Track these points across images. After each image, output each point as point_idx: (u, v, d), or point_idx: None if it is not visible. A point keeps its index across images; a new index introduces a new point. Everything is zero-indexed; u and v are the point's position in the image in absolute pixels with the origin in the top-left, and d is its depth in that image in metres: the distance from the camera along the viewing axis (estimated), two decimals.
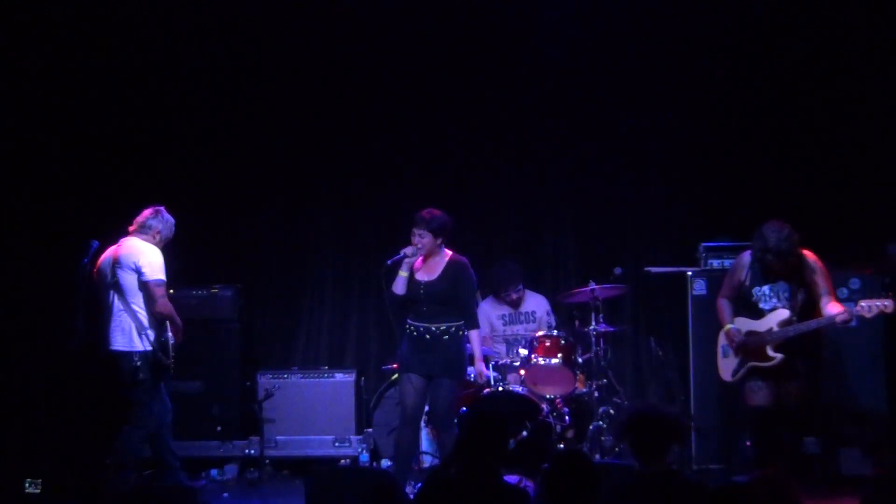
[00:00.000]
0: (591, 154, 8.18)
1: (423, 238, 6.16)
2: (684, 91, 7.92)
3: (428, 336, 6.12)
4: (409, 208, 8.10)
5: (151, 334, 6.11)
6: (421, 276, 6.18)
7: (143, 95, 8.00)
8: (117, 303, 6.13)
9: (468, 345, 6.28)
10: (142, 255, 6.13)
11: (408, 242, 6.21)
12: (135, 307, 6.12)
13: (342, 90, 8.20)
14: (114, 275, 6.14)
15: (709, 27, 7.78)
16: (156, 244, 6.23)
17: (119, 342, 6.10)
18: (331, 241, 8.36)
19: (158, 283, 6.10)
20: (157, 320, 6.13)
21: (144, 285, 6.11)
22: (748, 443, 6.40)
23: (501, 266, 7.45)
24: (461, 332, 6.17)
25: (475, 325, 6.27)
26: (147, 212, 6.29)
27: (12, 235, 7.53)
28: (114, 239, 6.32)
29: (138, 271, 6.10)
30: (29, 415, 7.14)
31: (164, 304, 6.10)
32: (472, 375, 6.84)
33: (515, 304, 7.41)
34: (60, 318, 6.45)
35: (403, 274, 6.17)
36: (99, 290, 6.21)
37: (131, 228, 6.26)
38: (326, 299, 8.34)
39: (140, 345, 6.10)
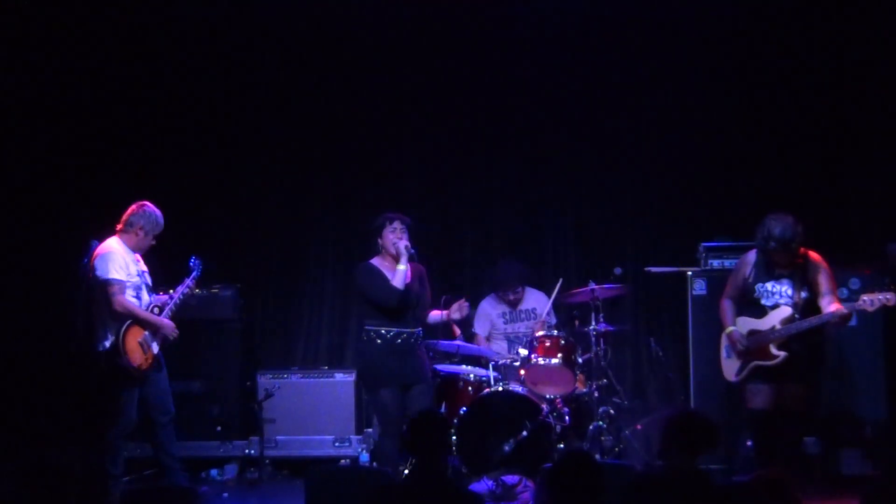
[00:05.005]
0: (591, 154, 8.19)
1: (405, 234, 6.05)
2: (685, 91, 7.92)
3: (400, 341, 5.99)
4: (409, 208, 8.14)
5: (111, 336, 6.06)
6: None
7: (143, 95, 8.01)
8: (94, 304, 6.11)
9: None
10: (97, 254, 6.11)
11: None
12: (99, 308, 6.09)
13: (342, 90, 8.20)
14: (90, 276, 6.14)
15: (709, 27, 7.79)
16: (139, 240, 6.22)
17: (95, 344, 6.10)
18: (331, 241, 8.36)
19: (108, 282, 6.03)
20: (118, 321, 6.05)
21: (99, 285, 6.06)
22: (749, 443, 6.41)
23: (506, 266, 7.44)
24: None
25: (424, 319, 6.30)
26: (131, 208, 6.26)
27: (12, 235, 7.54)
28: None
29: (94, 270, 6.08)
30: (31, 411, 7.17)
31: (119, 303, 6.02)
32: (472, 375, 6.85)
33: (514, 304, 7.40)
34: (60, 318, 6.45)
35: (403, 267, 5.96)
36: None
37: (118, 227, 6.25)
38: (326, 299, 8.34)
39: (103, 347, 6.07)
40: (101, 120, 7.92)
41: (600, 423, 6.93)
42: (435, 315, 6.40)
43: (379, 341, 5.99)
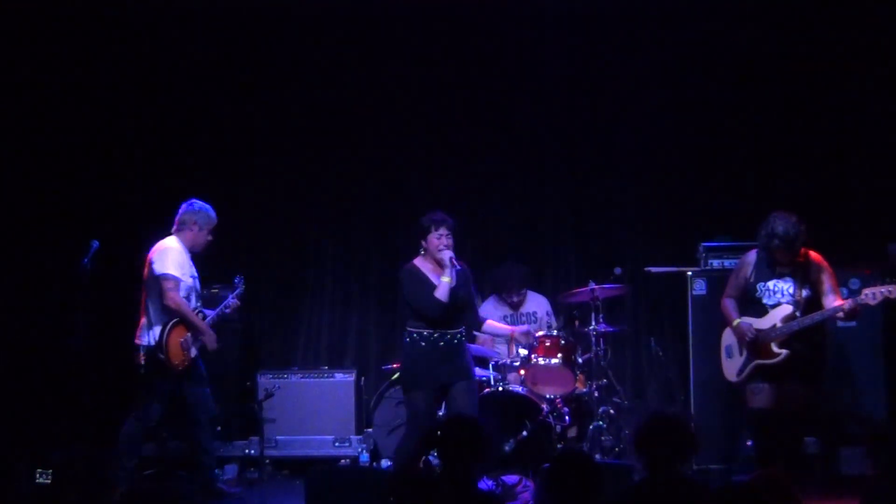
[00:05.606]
0: (591, 154, 8.19)
1: (450, 240, 5.88)
2: (684, 90, 7.92)
3: (443, 343, 5.80)
4: (409, 209, 8.16)
5: (157, 330, 6.14)
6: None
7: (143, 95, 8.00)
8: (144, 298, 6.23)
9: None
10: (157, 249, 6.22)
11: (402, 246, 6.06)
12: (149, 303, 6.21)
13: (343, 91, 8.19)
14: (145, 271, 6.25)
15: (708, 26, 7.78)
16: (195, 236, 6.32)
17: (137, 336, 6.22)
18: (331, 242, 8.36)
19: (165, 276, 6.14)
20: (168, 316, 6.14)
21: (154, 280, 6.16)
22: (749, 443, 6.40)
23: (508, 267, 7.45)
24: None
25: (479, 325, 6.17)
26: (181, 207, 6.37)
27: (13, 235, 7.54)
28: (114, 238, 6.35)
29: (150, 265, 6.16)
30: (33, 411, 7.17)
31: (171, 298, 6.12)
32: (477, 376, 6.85)
33: (516, 306, 7.41)
34: (60, 318, 6.46)
35: (447, 279, 5.77)
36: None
37: (173, 229, 6.34)
38: (326, 299, 8.34)
39: (145, 340, 6.17)
40: (102, 120, 7.92)
41: (600, 423, 6.94)
42: (500, 328, 6.34)
43: (423, 344, 5.80)
